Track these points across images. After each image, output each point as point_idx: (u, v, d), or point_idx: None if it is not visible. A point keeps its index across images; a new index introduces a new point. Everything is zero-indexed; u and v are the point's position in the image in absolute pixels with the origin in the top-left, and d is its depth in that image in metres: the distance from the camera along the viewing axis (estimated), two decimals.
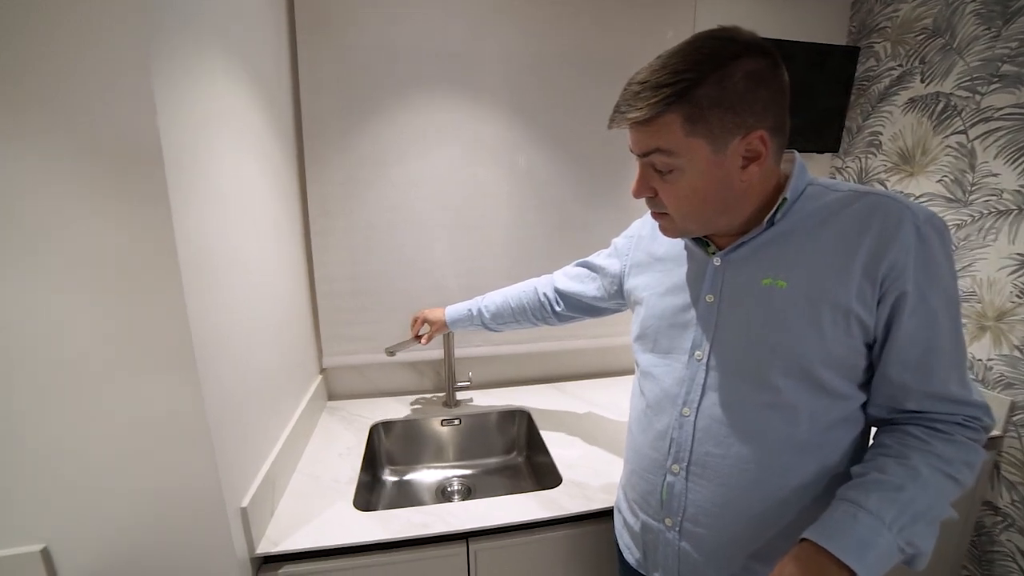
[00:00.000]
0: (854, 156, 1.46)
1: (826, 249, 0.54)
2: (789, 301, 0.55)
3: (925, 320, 0.52)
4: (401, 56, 1.19)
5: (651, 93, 0.50)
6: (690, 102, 0.50)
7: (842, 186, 0.58)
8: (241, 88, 0.81)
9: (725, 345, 0.59)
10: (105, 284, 0.57)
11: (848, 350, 0.54)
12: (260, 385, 0.85)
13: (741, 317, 0.58)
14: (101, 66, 0.52)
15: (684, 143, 0.52)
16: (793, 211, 0.57)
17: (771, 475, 0.56)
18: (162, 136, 0.55)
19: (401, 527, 0.82)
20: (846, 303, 0.52)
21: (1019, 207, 1.08)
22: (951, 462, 0.50)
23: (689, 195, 0.55)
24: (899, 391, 0.54)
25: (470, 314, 1.09)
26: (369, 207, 1.25)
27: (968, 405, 0.53)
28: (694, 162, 0.53)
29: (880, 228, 0.52)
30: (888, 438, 0.54)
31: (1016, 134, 1.08)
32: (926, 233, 0.51)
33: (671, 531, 0.63)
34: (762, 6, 1.39)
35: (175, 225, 0.57)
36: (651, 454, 0.65)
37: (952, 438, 0.52)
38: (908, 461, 0.50)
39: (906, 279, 0.51)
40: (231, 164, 0.75)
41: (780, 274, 0.56)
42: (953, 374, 0.53)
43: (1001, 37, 1.10)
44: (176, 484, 0.64)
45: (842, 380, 0.55)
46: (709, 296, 0.62)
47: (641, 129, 0.53)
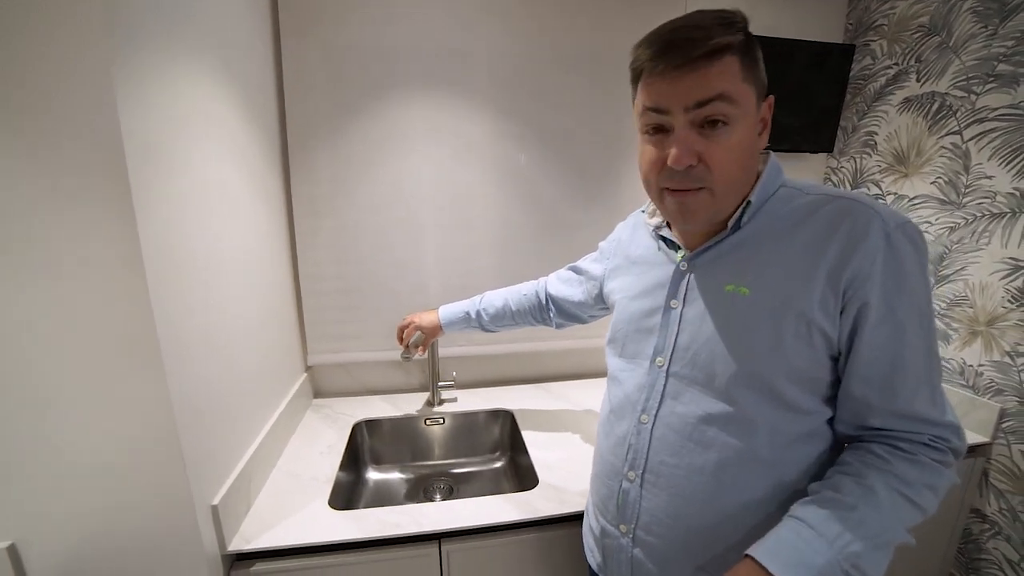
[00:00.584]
0: (849, 156, 1.44)
1: (792, 256, 0.52)
2: (751, 310, 0.53)
3: (891, 333, 0.49)
4: (388, 56, 1.18)
5: (714, 28, 0.47)
6: (746, 45, 0.49)
7: (815, 188, 0.56)
8: (217, 89, 0.81)
9: (686, 352, 0.58)
10: (69, 284, 0.57)
11: (811, 363, 0.52)
12: (236, 383, 0.85)
13: (703, 324, 0.57)
14: (63, 64, 0.52)
15: (742, 88, 0.49)
16: (762, 214, 0.56)
17: (724, 489, 0.55)
18: (124, 136, 0.55)
19: (373, 527, 0.82)
20: (808, 313, 0.50)
21: (1013, 210, 1.05)
22: (912, 484, 0.48)
23: (737, 152, 0.50)
24: (862, 407, 0.52)
25: (468, 317, 1.07)
26: (356, 207, 1.25)
27: (936, 425, 0.51)
28: (746, 113, 0.50)
29: (847, 233, 0.49)
30: (850, 455, 0.53)
31: (1010, 135, 1.06)
32: (897, 240, 0.48)
33: (625, 538, 0.62)
34: (753, 2, 1.36)
35: (139, 224, 0.58)
36: (611, 459, 0.65)
37: (915, 458, 0.50)
38: (865, 480, 0.48)
39: (870, 288, 0.48)
40: (203, 164, 0.76)
41: (744, 280, 0.55)
42: (921, 391, 0.50)
43: (998, 35, 1.08)
44: (143, 482, 0.65)
45: (805, 394, 0.53)
46: (674, 301, 0.61)
47: (701, 72, 0.48)
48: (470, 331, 1.10)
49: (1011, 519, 1.07)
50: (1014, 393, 1.06)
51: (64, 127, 0.54)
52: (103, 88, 0.53)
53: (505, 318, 1.06)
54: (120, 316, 0.59)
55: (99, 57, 0.53)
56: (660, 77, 0.50)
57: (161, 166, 0.63)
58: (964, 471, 1.11)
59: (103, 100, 0.54)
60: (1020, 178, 1.04)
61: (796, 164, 1.49)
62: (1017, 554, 1.05)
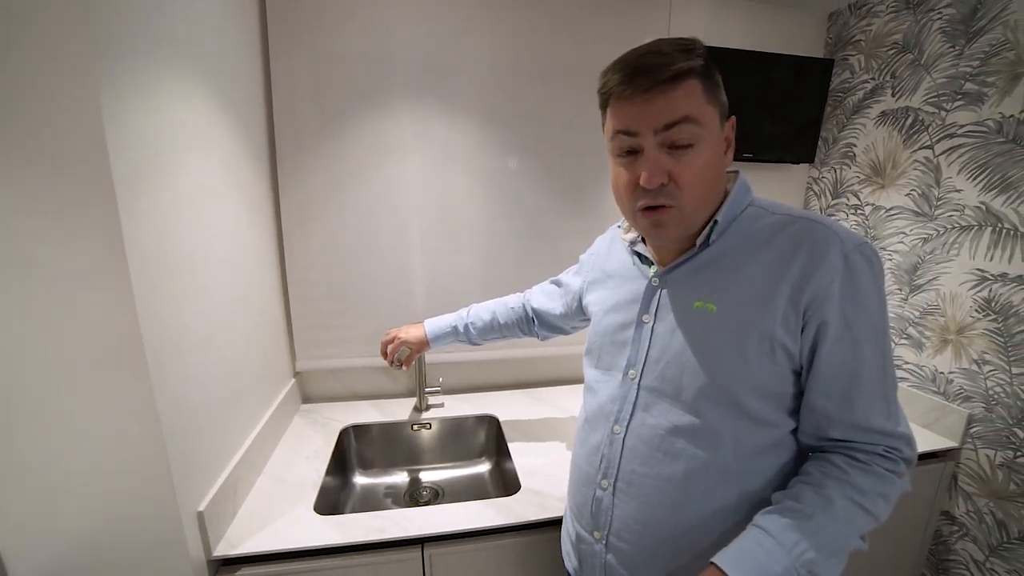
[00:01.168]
0: (829, 167, 1.47)
1: (756, 275, 0.55)
2: (717, 326, 0.56)
3: (849, 350, 0.51)
4: (375, 66, 1.20)
5: (675, 55, 0.51)
6: (705, 70, 0.53)
7: (780, 208, 0.58)
8: (204, 99, 0.82)
9: (656, 366, 0.60)
10: (53, 293, 0.59)
11: (774, 378, 0.54)
12: (223, 389, 0.87)
13: (672, 339, 0.59)
14: (48, 76, 0.54)
15: (705, 110, 0.52)
16: (730, 232, 0.58)
17: (692, 498, 0.57)
18: (111, 151, 0.57)
19: (358, 531, 0.84)
20: (771, 331, 0.52)
21: (979, 223, 1.09)
22: (866, 493, 0.51)
23: (704, 171, 0.53)
24: (822, 419, 0.54)
25: (455, 331, 1.07)
26: (344, 213, 1.26)
27: (890, 436, 0.53)
28: (710, 133, 0.53)
29: (807, 255, 0.52)
30: (811, 466, 0.55)
31: (976, 151, 1.09)
32: (854, 261, 0.51)
33: (599, 544, 0.65)
34: (735, 17, 1.40)
35: (124, 235, 0.59)
36: (585, 467, 0.67)
37: (870, 469, 0.52)
38: (824, 490, 0.51)
39: (828, 308, 0.51)
40: (190, 174, 0.77)
41: (711, 297, 0.57)
42: (877, 405, 0.53)
43: (964, 55, 1.12)
44: (129, 487, 0.66)
45: (769, 408, 0.55)
46: (645, 316, 0.63)
47: (667, 96, 0.51)
48: (457, 345, 1.10)
49: (978, 521, 1.10)
50: (981, 399, 1.09)
51: (49, 144, 0.55)
52: (89, 103, 0.55)
53: (493, 331, 1.06)
54: (105, 323, 0.61)
55: (84, 71, 0.54)
56: (629, 101, 0.53)
57: (148, 178, 0.65)
58: (934, 475, 1.14)
59: (88, 115, 0.55)
60: (986, 192, 1.08)
61: (779, 175, 1.53)
62: (983, 554, 1.09)
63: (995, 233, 1.06)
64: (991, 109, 1.07)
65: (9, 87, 0.53)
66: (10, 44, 0.52)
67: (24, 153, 0.55)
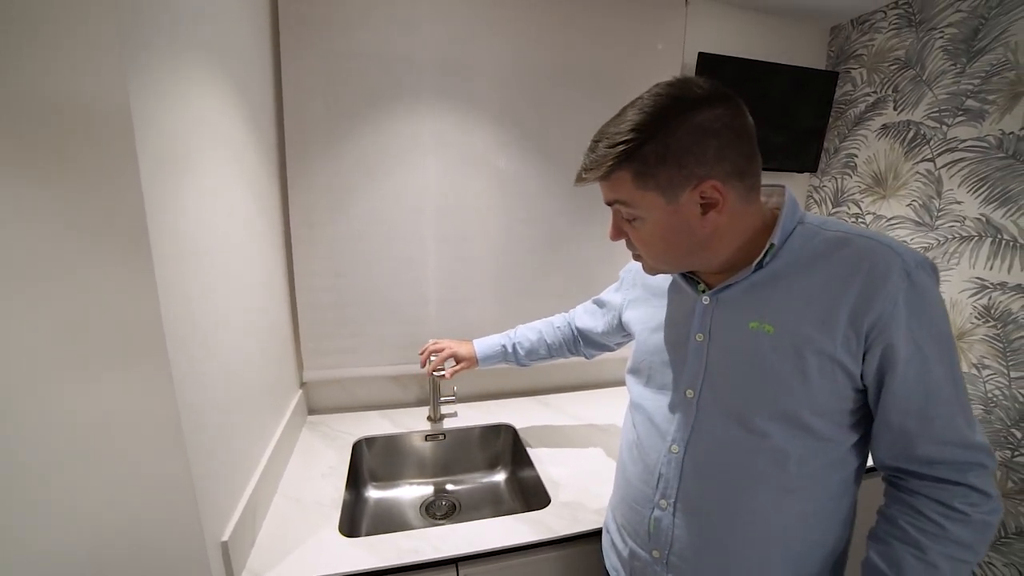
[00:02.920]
0: (831, 176, 1.52)
1: (813, 295, 0.53)
2: (775, 347, 0.55)
3: (920, 367, 0.51)
4: (388, 66, 1.16)
5: (604, 153, 0.53)
6: (637, 160, 0.52)
7: (832, 226, 0.57)
8: (220, 92, 0.77)
9: (714, 386, 0.60)
10: (76, 308, 0.53)
11: (834, 396, 0.54)
12: (242, 405, 0.81)
13: (729, 359, 0.59)
14: (75, 65, 0.48)
15: (638, 195, 0.54)
16: (783, 252, 0.57)
17: (756, 515, 0.57)
18: (137, 138, 0.51)
19: (390, 553, 0.80)
20: (831, 352, 0.52)
21: (979, 234, 1.14)
22: (969, 547, 0.51)
23: (653, 240, 0.57)
24: (901, 437, 0.54)
25: (504, 351, 1.05)
26: (354, 217, 1.21)
27: (972, 449, 0.52)
28: (651, 212, 0.55)
29: (867, 277, 0.51)
30: (903, 519, 0.54)
31: (977, 165, 1.15)
32: (917, 278, 0.50)
33: (658, 563, 0.64)
34: (748, 25, 1.43)
35: (152, 242, 0.54)
36: (640, 487, 0.66)
37: (968, 519, 0.51)
38: (926, 555, 0.51)
39: (895, 331, 0.50)
40: (209, 175, 0.72)
41: (767, 318, 0.56)
42: (956, 416, 0.52)
43: (966, 73, 1.17)
44: (151, 517, 0.60)
45: (830, 425, 0.55)
46: (699, 335, 0.62)
47: (601, 183, 0.57)
48: (504, 365, 1.09)
49: None
50: (980, 402, 1.15)
51: (77, 137, 0.49)
52: (118, 96, 0.50)
53: (540, 351, 1.05)
54: (132, 336, 0.55)
55: (113, 66, 0.49)
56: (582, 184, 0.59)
57: (171, 180, 0.59)
58: None
59: (117, 110, 0.50)
60: (986, 205, 1.13)
61: (781, 182, 1.56)
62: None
63: (995, 244, 1.11)
64: (992, 126, 1.12)
65: (34, 77, 0.47)
66: (35, 30, 0.46)
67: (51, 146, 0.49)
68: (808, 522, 0.57)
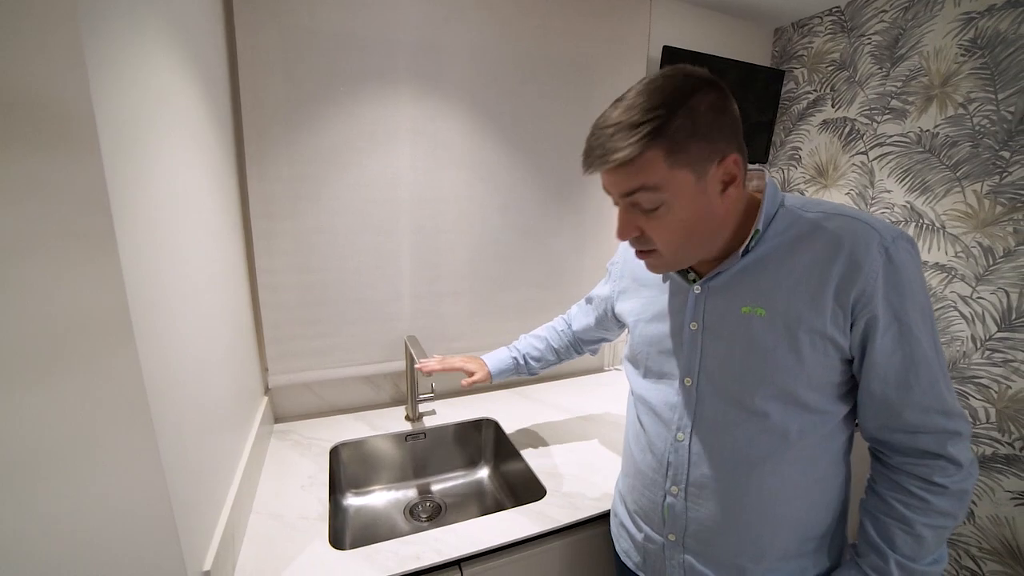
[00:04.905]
0: (778, 167, 1.64)
1: (800, 276, 0.56)
2: (768, 329, 0.57)
3: (899, 336, 0.54)
4: (358, 44, 1.08)
5: (628, 132, 0.50)
6: (667, 136, 0.50)
7: (812, 207, 0.59)
8: (178, 67, 0.67)
9: (712, 371, 0.61)
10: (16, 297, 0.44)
11: (826, 369, 0.56)
12: (208, 421, 0.72)
13: (725, 344, 0.60)
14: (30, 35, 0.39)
15: (669, 176, 0.52)
16: (767, 236, 0.59)
17: (763, 490, 0.59)
18: (97, 115, 0.43)
19: (390, 562, 0.75)
20: (822, 328, 0.55)
21: (905, 219, 1.29)
22: (950, 515, 0.55)
23: (679, 228, 0.55)
24: (884, 406, 0.56)
25: (516, 364, 1.03)
26: (320, 208, 1.12)
27: (951, 415, 0.55)
28: (680, 194, 0.53)
29: (849, 254, 0.54)
30: (890, 496, 0.58)
31: (902, 158, 1.29)
32: (894, 252, 0.53)
33: (675, 546, 0.66)
34: (704, 22, 1.49)
35: (120, 254, 0.46)
36: (651, 475, 0.67)
37: (946, 491, 0.55)
38: (913, 529, 0.55)
39: (876, 303, 0.53)
40: (169, 160, 0.62)
41: (758, 302, 0.58)
42: (939, 382, 0.55)
43: (890, 77, 1.31)
44: (126, 550, 0.52)
45: (824, 397, 0.58)
46: (693, 324, 0.63)
47: (621, 170, 0.52)
48: (515, 377, 1.07)
49: None
50: None
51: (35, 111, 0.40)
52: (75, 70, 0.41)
53: (549, 358, 1.04)
54: (99, 337, 0.47)
55: (69, 34, 0.40)
56: (599, 170, 0.55)
57: (133, 161, 0.51)
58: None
59: (75, 82, 0.41)
60: (910, 193, 1.28)
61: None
62: None
63: (918, 227, 1.26)
64: (912, 123, 1.27)
65: None
66: None
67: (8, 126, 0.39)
68: (811, 489, 0.60)
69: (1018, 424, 1.08)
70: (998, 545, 1.11)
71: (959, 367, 1.19)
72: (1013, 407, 1.08)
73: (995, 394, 1.12)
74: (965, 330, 1.17)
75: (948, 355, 1.20)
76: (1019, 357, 1.07)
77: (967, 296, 1.17)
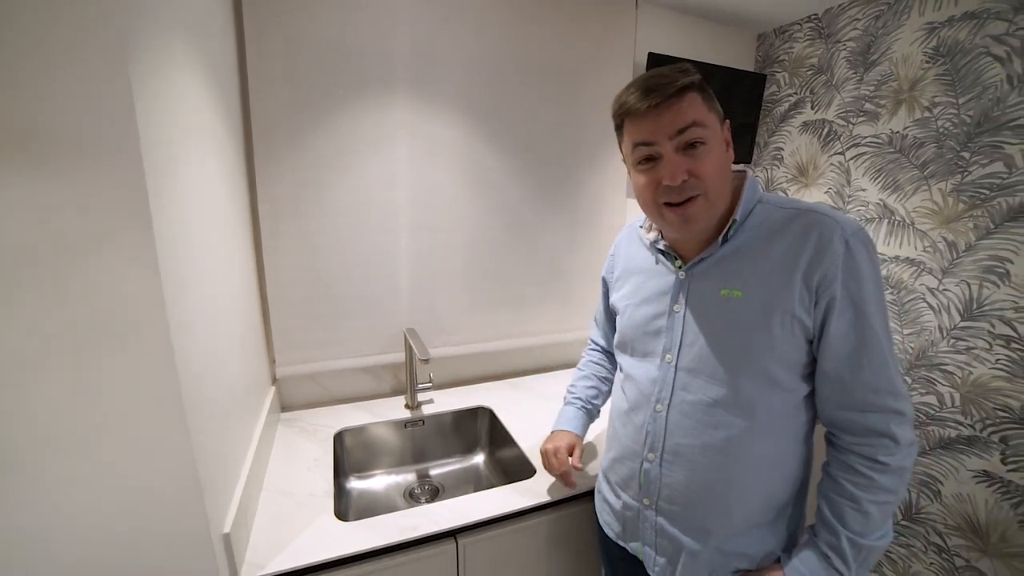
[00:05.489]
0: (762, 167, 1.71)
1: (773, 263, 0.63)
2: (744, 309, 0.64)
3: (853, 318, 0.60)
4: (358, 53, 1.14)
5: (681, 74, 0.62)
6: (703, 88, 0.63)
7: (787, 203, 0.67)
8: (202, 86, 0.74)
9: (691, 349, 0.68)
10: (78, 304, 0.50)
11: (793, 348, 0.63)
12: (227, 401, 0.79)
13: (704, 324, 0.67)
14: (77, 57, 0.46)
15: (707, 116, 0.63)
16: (745, 228, 0.67)
17: (733, 459, 0.66)
18: (142, 143, 0.50)
19: (393, 532, 0.82)
20: (791, 308, 0.62)
21: (879, 216, 1.36)
22: (893, 491, 0.61)
23: (717, 164, 0.63)
24: (837, 382, 0.62)
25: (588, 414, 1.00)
26: (323, 209, 1.19)
27: (900, 398, 0.61)
28: (714, 136, 0.63)
29: (815, 243, 0.61)
30: (841, 476, 0.64)
31: (875, 158, 1.36)
32: (853, 244, 0.60)
33: (649, 510, 0.72)
34: (689, 29, 1.56)
35: (155, 234, 0.53)
36: (630, 445, 0.74)
37: (888, 468, 0.61)
38: (860, 507, 0.61)
39: (836, 286, 0.60)
40: (195, 161, 0.69)
41: (736, 285, 0.65)
42: (888, 363, 0.61)
43: (864, 81, 1.37)
44: (152, 512, 0.59)
45: (791, 375, 0.64)
46: (676, 306, 0.71)
47: (675, 107, 0.61)
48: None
49: None
50: None
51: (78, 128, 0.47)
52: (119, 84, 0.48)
53: (603, 388, 1.02)
54: (139, 336, 0.53)
55: (113, 52, 0.47)
56: (644, 116, 0.63)
57: (166, 167, 0.58)
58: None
59: (120, 99, 0.48)
60: (883, 191, 1.35)
61: None
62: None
63: (890, 224, 1.33)
64: (884, 125, 1.33)
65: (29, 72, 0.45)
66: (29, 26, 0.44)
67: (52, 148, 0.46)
68: (776, 461, 0.67)
69: (979, 407, 1.15)
70: (961, 521, 1.19)
71: (927, 355, 1.26)
72: (974, 391, 1.16)
73: (959, 380, 1.19)
74: (933, 320, 1.24)
75: (918, 344, 1.27)
76: (979, 344, 1.14)
77: (934, 288, 1.24)
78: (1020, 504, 1.08)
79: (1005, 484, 1.10)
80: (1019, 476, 1.08)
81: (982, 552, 1.15)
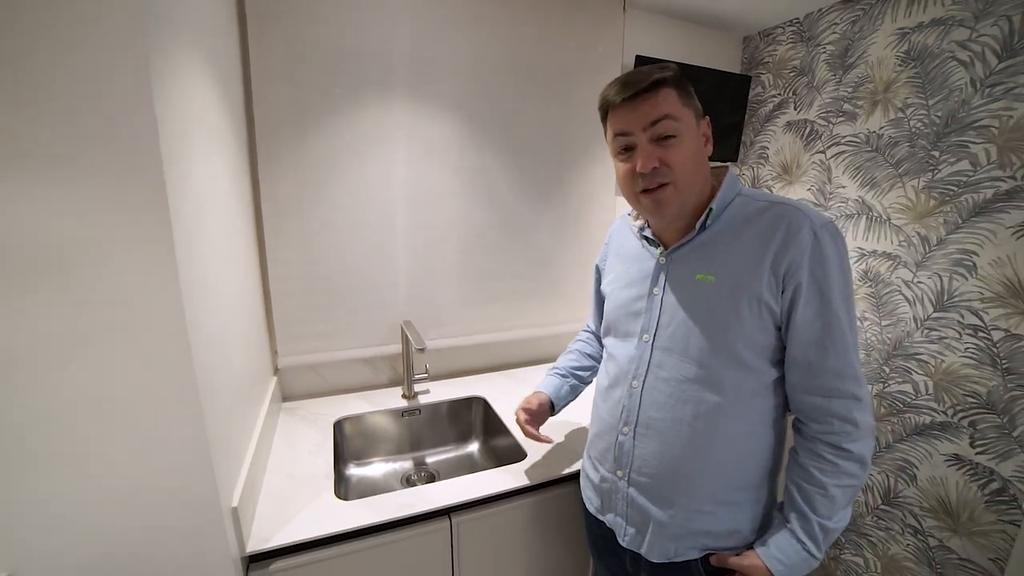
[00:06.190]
0: (748, 165, 1.77)
1: (745, 250, 0.68)
2: (716, 293, 0.69)
3: (819, 305, 0.64)
4: (358, 54, 1.20)
5: (658, 71, 0.67)
6: (680, 84, 0.68)
7: (763, 197, 0.72)
8: (211, 90, 0.79)
9: (667, 329, 0.73)
10: (97, 287, 0.55)
11: (761, 332, 0.68)
12: (234, 388, 0.84)
13: (680, 306, 0.73)
14: (99, 63, 0.51)
15: (682, 112, 0.67)
16: (723, 218, 0.72)
17: (701, 434, 0.70)
18: (162, 148, 0.55)
19: (390, 509, 0.87)
20: (759, 293, 0.66)
21: (858, 212, 1.41)
22: (855, 476, 0.66)
23: (689, 156, 0.68)
24: (804, 367, 0.66)
25: (566, 379, 1.03)
26: (323, 207, 1.24)
27: (860, 383, 0.66)
28: (688, 130, 0.68)
29: (784, 233, 0.66)
30: (809, 464, 0.68)
31: (854, 157, 1.41)
32: (821, 235, 0.65)
33: (621, 481, 0.77)
34: (677, 32, 1.61)
35: (173, 228, 0.58)
36: (608, 419, 0.80)
37: (851, 455, 0.65)
38: (827, 492, 0.66)
39: (802, 273, 0.64)
40: (204, 161, 0.74)
41: (710, 270, 0.70)
42: (851, 350, 0.65)
43: (842, 83, 1.43)
44: (169, 485, 0.64)
45: (757, 357, 0.69)
46: (656, 289, 0.76)
47: (650, 101, 0.66)
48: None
49: None
50: (862, 348, 1.42)
51: (101, 127, 0.52)
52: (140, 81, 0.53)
53: (586, 363, 1.05)
54: (156, 321, 0.59)
55: (137, 53, 0.53)
56: (621, 108, 0.69)
57: (181, 167, 0.63)
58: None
59: (140, 97, 0.53)
60: (861, 189, 1.40)
61: None
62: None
63: (868, 220, 1.39)
64: (861, 125, 1.39)
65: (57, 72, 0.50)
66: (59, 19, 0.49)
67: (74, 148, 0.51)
68: (743, 440, 0.71)
69: (950, 394, 1.20)
70: (935, 503, 1.24)
71: (903, 346, 1.31)
72: (946, 379, 1.21)
73: (932, 368, 1.24)
74: (908, 312, 1.30)
75: (895, 335, 1.33)
76: (950, 334, 1.19)
77: (909, 281, 1.29)
78: (986, 485, 1.14)
79: (973, 466, 1.16)
80: (986, 458, 1.14)
81: (953, 532, 1.20)
